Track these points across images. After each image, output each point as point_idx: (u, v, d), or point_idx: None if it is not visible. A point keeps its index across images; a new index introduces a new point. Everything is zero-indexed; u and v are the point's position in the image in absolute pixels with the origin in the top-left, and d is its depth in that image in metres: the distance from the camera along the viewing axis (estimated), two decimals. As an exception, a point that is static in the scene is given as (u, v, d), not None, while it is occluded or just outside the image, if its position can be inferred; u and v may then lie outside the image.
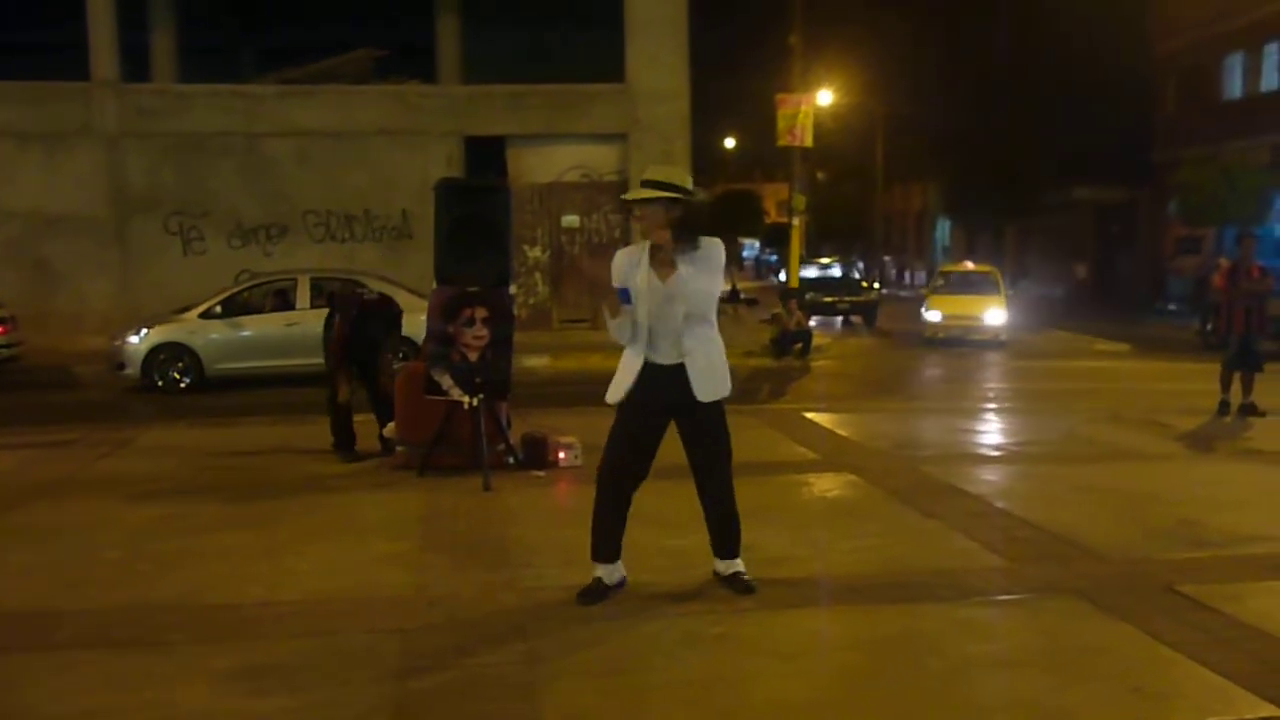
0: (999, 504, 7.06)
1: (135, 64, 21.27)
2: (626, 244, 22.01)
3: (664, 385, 5.07)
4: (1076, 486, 7.68)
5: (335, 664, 4.38)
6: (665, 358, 5.05)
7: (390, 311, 9.05)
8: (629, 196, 5.06)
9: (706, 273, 4.99)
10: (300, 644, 4.62)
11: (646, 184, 4.98)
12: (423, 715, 3.91)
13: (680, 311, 4.97)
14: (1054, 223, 37.92)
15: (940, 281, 23.45)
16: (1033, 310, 27.76)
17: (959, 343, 20.71)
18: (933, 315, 21.52)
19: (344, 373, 8.82)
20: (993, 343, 20.69)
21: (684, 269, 4.94)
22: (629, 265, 5.04)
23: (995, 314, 21.03)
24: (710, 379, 5.08)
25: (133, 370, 14.83)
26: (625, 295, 5.01)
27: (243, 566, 5.79)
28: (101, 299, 20.24)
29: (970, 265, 25.32)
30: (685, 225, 4.95)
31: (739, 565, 5.39)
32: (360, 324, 8.76)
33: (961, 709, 3.96)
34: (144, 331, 15.00)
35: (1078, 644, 4.58)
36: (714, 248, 5.03)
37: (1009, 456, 9.07)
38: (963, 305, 21.44)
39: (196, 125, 20.71)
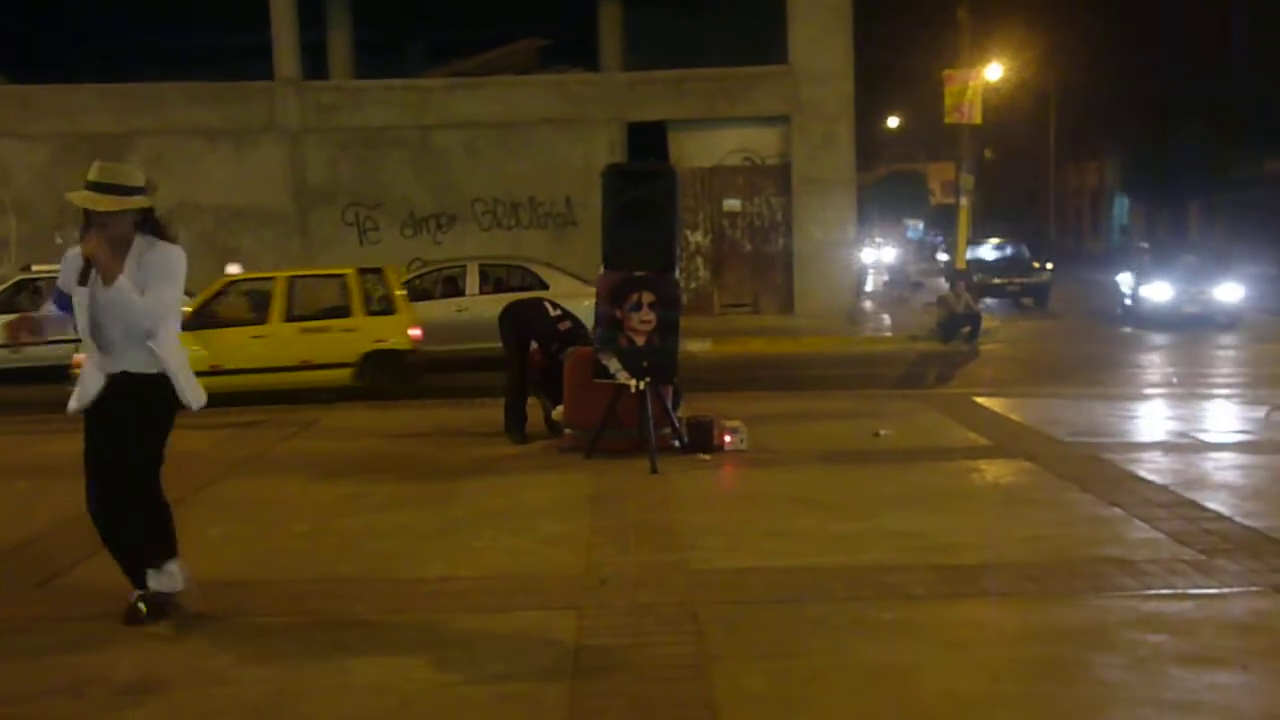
0: (1186, 494, 6.73)
1: (314, 62, 22.20)
2: (789, 227, 21.78)
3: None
4: (1274, 477, 7.26)
5: (512, 639, 4.51)
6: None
7: (582, 340, 9.08)
8: (102, 208, 4.58)
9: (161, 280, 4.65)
10: (479, 619, 4.78)
11: (98, 187, 4.62)
12: (597, 691, 3.98)
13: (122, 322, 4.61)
14: (1243, 198, 35.81)
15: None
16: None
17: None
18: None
19: (532, 390, 9.03)
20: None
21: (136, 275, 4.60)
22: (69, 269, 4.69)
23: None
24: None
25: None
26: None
27: (421, 544, 6.01)
28: (284, 287, 21.21)
29: None
30: (149, 227, 4.71)
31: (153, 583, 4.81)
32: (556, 354, 8.93)
33: (1146, 708, 3.80)
34: (325, 319, 15.64)
35: (1276, 642, 4.34)
36: (172, 252, 4.75)
37: (1197, 444, 8.61)
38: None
39: (371, 120, 21.48)
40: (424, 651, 4.40)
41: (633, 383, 7.84)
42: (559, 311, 9.28)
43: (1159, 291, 20.43)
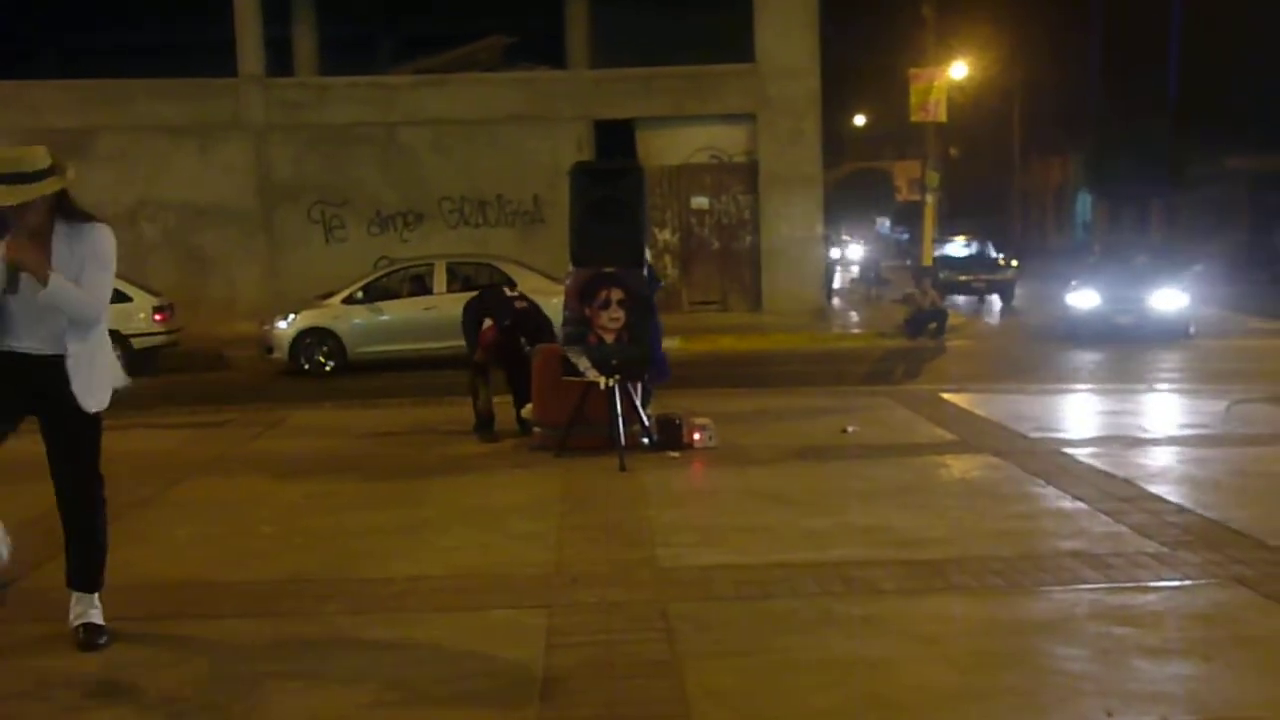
0: (1149, 488, 6.82)
1: (280, 59, 22.03)
2: (757, 225, 21.89)
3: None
4: (1233, 470, 7.36)
5: (483, 638, 4.51)
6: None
7: (540, 322, 9.17)
8: (6, 201, 4.21)
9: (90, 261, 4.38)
10: (448, 618, 4.77)
11: (11, 179, 4.25)
12: (569, 689, 3.99)
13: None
14: (1203, 195, 36.27)
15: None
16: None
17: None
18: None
19: (485, 377, 9.00)
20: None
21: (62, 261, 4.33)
22: None
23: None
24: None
25: (281, 354, 15.44)
26: None
27: (390, 543, 5.99)
28: (249, 286, 21.08)
29: None
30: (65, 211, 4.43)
31: (95, 609, 4.53)
32: (510, 331, 8.94)
33: (1111, 698, 3.85)
34: (291, 317, 15.59)
35: (1237, 633, 4.41)
36: (102, 233, 4.48)
37: (1159, 439, 8.73)
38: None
39: (337, 117, 21.35)
40: (394, 651, 4.39)
41: (602, 380, 7.84)
42: (516, 293, 9.38)
43: (1085, 299, 17.83)
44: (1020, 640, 4.38)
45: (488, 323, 9.07)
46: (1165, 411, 10.35)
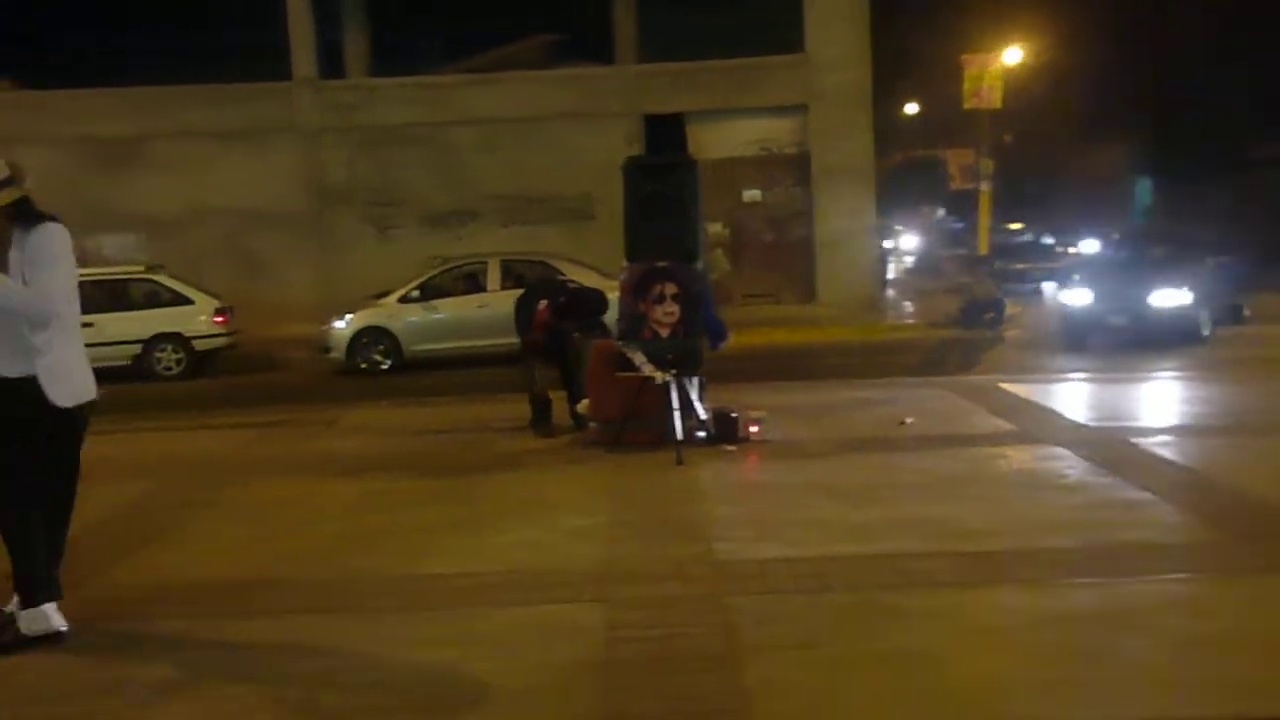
0: (1216, 478, 6.68)
1: (330, 61, 22.24)
2: (809, 217, 21.77)
3: None
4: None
5: (540, 633, 4.52)
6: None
7: (594, 296, 9.15)
8: None
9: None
10: (505, 613, 4.78)
11: None
12: (627, 684, 3.98)
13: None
14: (1269, 180, 35.40)
15: None
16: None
17: None
18: None
19: (539, 359, 9.01)
20: None
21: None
22: None
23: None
24: None
25: (338, 354, 15.61)
26: None
27: (447, 539, 6.02)
28: (303, 287, 21.31)
29: None
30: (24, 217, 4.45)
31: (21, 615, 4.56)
32: (565, 310, 8.95)
33: (1172, 689, 3.77)
34: (348, 317, 15.75)
35: (1309, 624, 4.30)
36: (49, 231, 4.47)
37: (1227, 428, 8.52)
38: None
39: (388, 118, 21.52)
40: (452, 646, 4.41)
41: (657, 375, 7.83)
42: (566, 277, 9.44)
43: (1078, 297, 16.05)
44: (1083, 633, 4.30)
45: (542, 304, 9.08)
46: (1232, 400, 10.11)
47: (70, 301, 4.54)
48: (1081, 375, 11.98)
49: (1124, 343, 14.84)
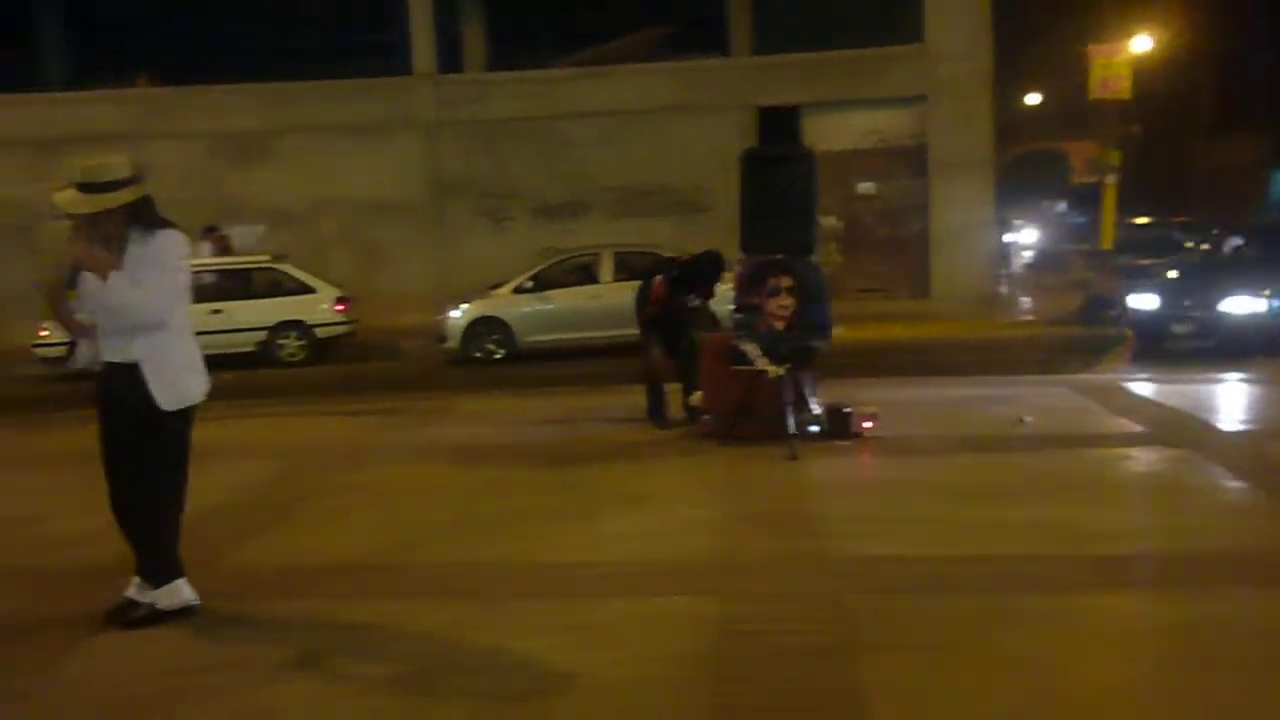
0: (1358, 483, 6.37)
1: (448, 57, 22.63)
2: (925, 210, 21.26)
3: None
4: None
5: (653, 624, 4.54)
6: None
7: (711, 261, 8.98)
8: (81, 210, 4.45)
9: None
10: (622, 603, 4.82)
11: (82, 188, 4.46)
12: (739, 678, 3.98)
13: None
14: None
15: None
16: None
17: None
18: None
19: (656, 333, 9.01)
20: None
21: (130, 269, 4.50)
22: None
23: None
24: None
25: (453, 343, 15.87)
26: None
27: (561, 528, 6.09)
28: (420, 277, 21.72)
29: None
30: (143, 219, 4.56)
31: (151, 594, 4.74)
32: (681, 282, 8.92)
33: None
34: (463, 307, 16.02)
35: None
36: (165, 238, 4.58)
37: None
38: None
39: (503, 111, 21.79)
40: (568, 634, 4.46)
41: (771, 369, 7.78)
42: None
43: (1145, 301, 14.40)
44: (1209, 643, 4.15)
45: (658, 279, 9.10)
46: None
47: (178, 307, 4.65)
48: (1210, 376, 11.52)
49: (1180, 359, 13.17)
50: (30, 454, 9.15)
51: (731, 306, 8.25)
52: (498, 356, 15.65)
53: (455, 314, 15.98)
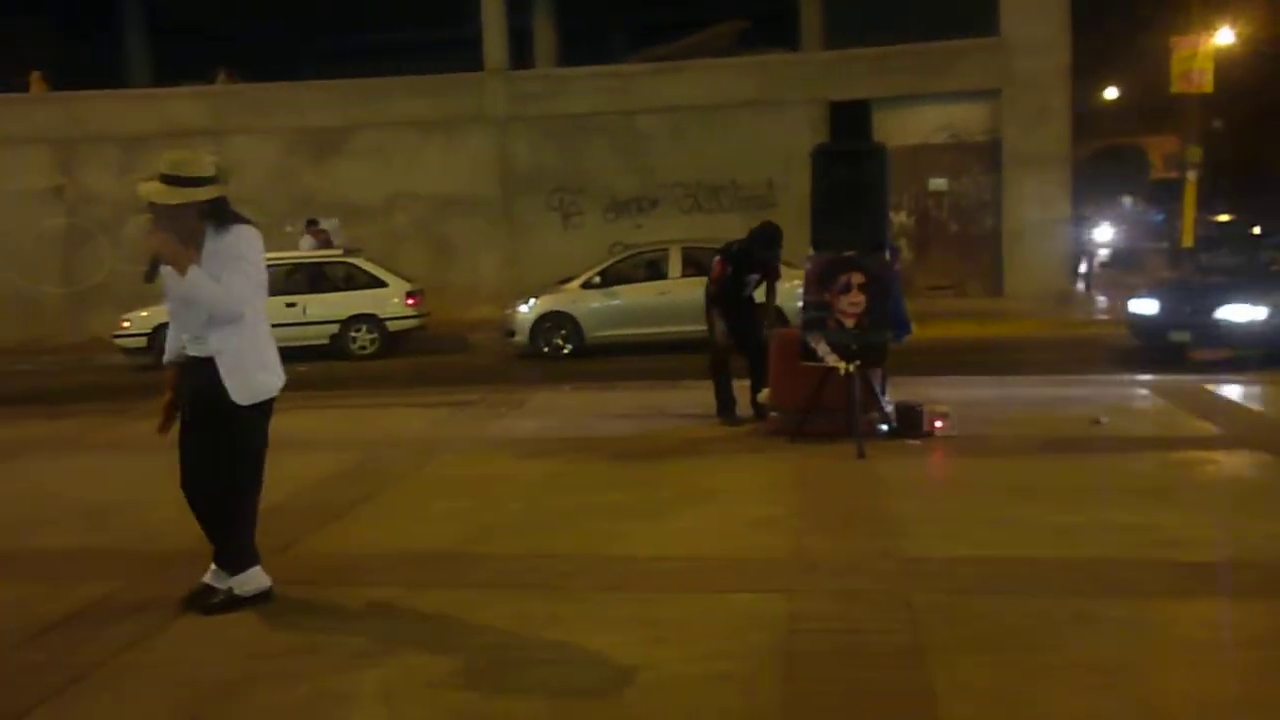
0: None
1: (519, 52, 22.78)
2: (998, 207, 20.92)
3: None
4: None
5: (725, 620, 4.53)
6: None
7: (764, 232, 8.98)
8: (165, 201, 4.58)
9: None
10: (692, 599, 4.82)
11: (167, 179, 4.58)
12: (812, 675, 3.96)
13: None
14: None
15: None
16: None
17: None
18: None
19: (719, 313, 8.97)
20: None
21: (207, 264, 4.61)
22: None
23: None
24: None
25: (521, 337, 15.99)
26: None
27: (631, 523, 6.11)
28: (491, 272, 21.92)
29: None
30: (218, 216, 4.66)
31: (228, 580, 4.90)
32: (740, 258, 8.89)
33: None
34: (532, 301, 16.13)
35: None
36: (241, 232, 4.67)
37: None
38: None
39: (574, 107, 21.87)
40: (639, 628, 4.48)
41: (841, 365, 7.73)
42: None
43: (1145, 306, 13.83)
44: (1302, 652, 4.05)
45: (717, 259, 9.07)
46: None
47: (253, 302, 4.73)
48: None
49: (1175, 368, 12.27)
50: (119, 440, 9.39)
51: (800, 304, 8.19)
52: (565, 351, 15.73)
53: (524, 308, 16.09)
